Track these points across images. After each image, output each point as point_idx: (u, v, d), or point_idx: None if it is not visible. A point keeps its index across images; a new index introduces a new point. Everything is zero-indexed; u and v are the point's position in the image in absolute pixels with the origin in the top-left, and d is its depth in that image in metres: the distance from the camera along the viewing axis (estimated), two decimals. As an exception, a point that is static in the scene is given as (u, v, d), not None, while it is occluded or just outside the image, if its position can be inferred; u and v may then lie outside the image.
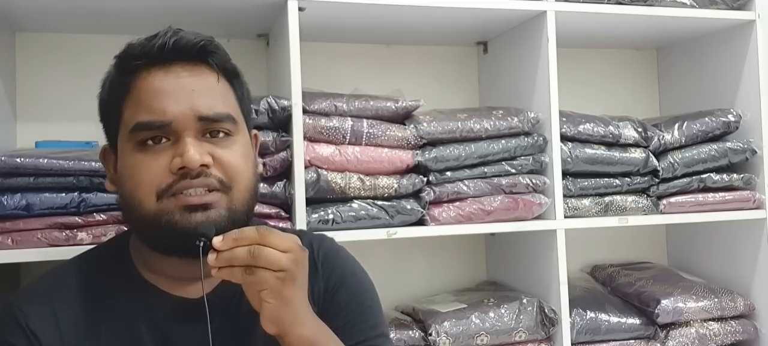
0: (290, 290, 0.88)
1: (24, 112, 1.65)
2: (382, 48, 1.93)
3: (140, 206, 0.94)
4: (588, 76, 2.10)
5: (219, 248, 0.86)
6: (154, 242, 0.97)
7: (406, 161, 1.55)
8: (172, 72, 0.96)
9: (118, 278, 1.01)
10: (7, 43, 1.61)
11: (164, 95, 0.94)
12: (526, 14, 1.68)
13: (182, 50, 0.96)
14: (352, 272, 1.10)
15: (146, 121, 0.94)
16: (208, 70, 0.98)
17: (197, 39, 0.97)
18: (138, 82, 0.96)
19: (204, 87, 0.96)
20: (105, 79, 1.02)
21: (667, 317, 1.73)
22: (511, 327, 1.59)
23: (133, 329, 0.98)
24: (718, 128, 1.81)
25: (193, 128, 0.94)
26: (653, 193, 1.76)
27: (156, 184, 0.93)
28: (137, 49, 0.97)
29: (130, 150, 0.95)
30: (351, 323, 1.04)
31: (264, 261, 0.85)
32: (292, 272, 0.87)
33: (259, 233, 0.87)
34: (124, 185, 0.96)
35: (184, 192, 0.92)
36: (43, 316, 0.96)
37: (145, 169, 0.93)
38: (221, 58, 1.00)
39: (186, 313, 0.98)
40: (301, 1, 1.46)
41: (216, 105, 0.96)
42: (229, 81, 1.01)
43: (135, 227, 1.00)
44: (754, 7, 1.81)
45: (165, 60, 0.96)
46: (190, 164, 0.92)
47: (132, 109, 0.96)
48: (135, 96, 0.96)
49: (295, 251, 0.88)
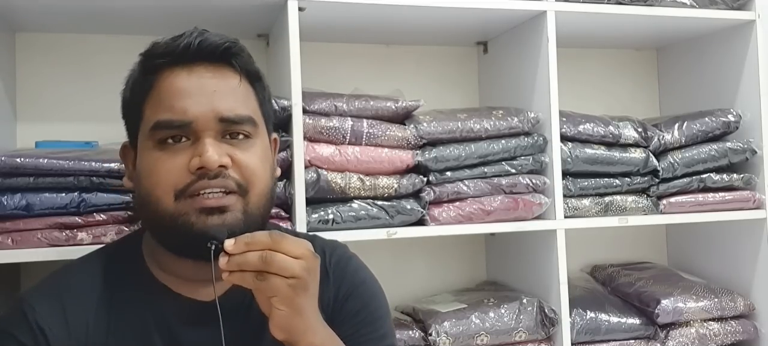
0: (301, 298, 0.87)
1: (24, 112, 1.65)
2: (382, 48, 1.93)
3: (157, 205, 0.94)
4: (588, 76, 2.10)
5: (231, 252, 0.86)
6: (169, 243, 0.97)
7: (406, 161, 1.55)
8: (195, 72, 0.96)
9: (130, 277, 1.01)
10: (7, 43, 1.61)
11: (186, 95, 0.95)
12: (526, 14, 1.68)
13: (206, 51, 0.97)
14: (362, 280, 1.09)
15: (167, 119, 0.94)
16: (231, 72, 0.98)
17: (222, 40, 0.98)
18: (161, 80, 0.97)
19: (226, 89, 0.97)
20: (128, 77, 1.03)
21: (667, 317, 1.73)
22: (511, 327, 1.59)
23: (143, 329, 0.98)
24: (718, 128, 1.81)
25: (213, 129, 0.95)
26: (653, 193, 1.76)
27: (174, 183, 0.93)
28: (161, 48, 0.97)
29: (149, 148, 0.96)
30: (360, 333, 1.03)
31: (276, 267, 0.85)
32: (304, 280, 0.87)
33: (272, 239, 0.86)
34: (142, 183, 0.97)
35: (202, 193, 0.92)
36: (52, 313, 0.96)
37: (164, 168, 0.94)
38: (245, 60, 1.00)
39: (197, 315, 0.98)
40: (301, 1, 1.46)
41: (237, 107, 0.97)
42: (251, 83, 1.02)
43: (150, 226, 1.00)
44: (754, 7, 1.81)
45: (189, 60, 0.97)
46: (209, 165, 0.92)
47: (153, 108, 0.96)
48: (157, 95, 0.96)
49: (308, 258, 0.88)
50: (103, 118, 1.54)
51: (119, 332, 0.97)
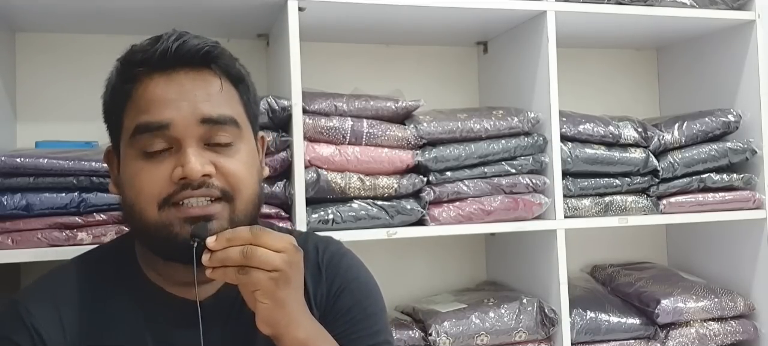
0: (284, 291, 0.87)
1: (24, 112, 1.65)
2: (382, 48, 1.93)
3: (141, 215, 0.93)
4: (588, 76, 2.10)
5: (213, 248, 0.86)
6: (155, 249, 0.97)
7: (406, 161, 1.55)
8: (174, 79, 0.94)
9: (122, 278, 1.01)
10: (7, 43, 1.61)
11: (165, 103, 0.93)
12: (526, 14, 1.68)
13: (185, 56, 0.94)
14: (355, 276, 1.08)
15: (145, 122, 0.92)
16: (212, 76, 0.96)
17: (201, 44, 0.95)
18: (139, 88, 0.94)
19: (206, 93, 0.95)
20: (108, 80, 1.01)
21: (667, 317, 1.73)
22: (511, 327, 1.59)
23: (135, 329, 0.98)
24: (718, 128, 1.81)
25: (195, 135, 0.93)
26: (653, 193, 1.76)
27: (157, 193, 0.92)
28: (139, 55, 0.95)
29: (132, 157, 0.94)
30: (352, 329, 1.02)
31: (257, 261, 0.85)
32: (286, 273, 0.87)
33: (253, 233, 0.86)
34: (126, 192, 0.96)
35: (185, 202, 0.92)
36: (47, 316, 0.96)
37: (147, 178, 0.92)
38: (226, 63, 0.98)
39: (188, 315, 0.98)
40: (301, 1, 1.46)
41: (219, 107, 0.95)
42: (235, 86, 0.99)
43: (136, 233, 1.00)
44: (754, 7, 1.81)
45: (167, 66, 0.94)
46: (192, 175, 0.90)
47: (132, 116, 0.94)
48: (136, 102, 0.94)
49: (289, 251, 0.88)
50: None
51: (112, 333, 0.97)
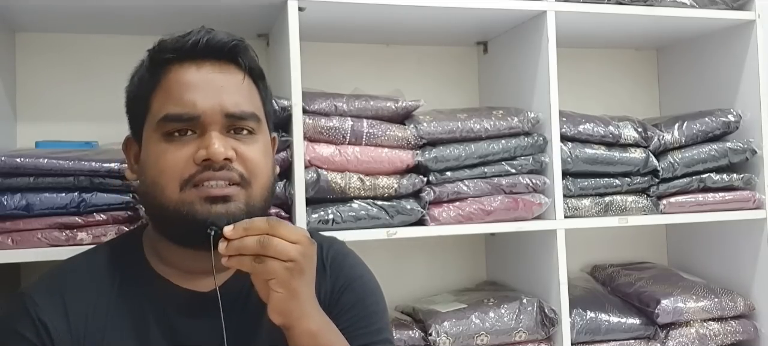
0: (298, 281, 0.90)
1: (24, 112, 1.65)
2: (382, 48, 1.93)
3: (162, 194, 0.96)
4: (588, 76, 2.10)
5: (229, 237, 0.89)
6: (171, 232, 0.99)
7: (406, 161, 1.55)
8: (203, 68, 0.99)
9: (129, 270, 1.03)
10: (7, 43, 1.61)
11: (194, 89, 0.98)
12: (526, 14, 1.68)
13: (214, 48, 1.00)
14: (359, 275, 1.11)
15: (176, 113, 0.97)
16: (237, 69, 1.02)
17: (229, 39, 1.01)
18: (169, 75, 0.99)
19: (231, 85, 1.00)
20: (134, 71, 1.05)
21: (667, 317, 1.73)
22: (511, 327, 1.59)
23: (141, 320, 0.99)
24: (718, 128, 1.81)
25: (219, 123, 0.97)
26: (653, 193, 1.76)
27: (179, 173, 0.95)
28: (170, 44, 1.00)
29: (156, 140, 0.98)
30: (354, 326, 1.04)
31: (273, 251, 0.88)
32: (300, 264, 0.89)
33: (269, 224, 0.89)
34: (148, 173, 0.99)
35: (206, 183, 0.95)
36: (53, 307, 0.97)
37: (170, 158, 0.96)
38: (250, 58, 1.04)
39: (195, 306, 1.00)
40: (301, 1, 1.46)
41: (242, 103, 1.00)
42: (255, 81, 1.05)
43: (154, 215, 1.02)
44: (754, 7, 1.81)
45: (197, 56, 1.00)
46: (215, 157, 0.94)
47: (161, 101, 0.99)
48: (165, 88, 0.99)
49: (304, 243, 0.90)
50: (103, 118, 1.55)
51: (118, 323, 0.99)
